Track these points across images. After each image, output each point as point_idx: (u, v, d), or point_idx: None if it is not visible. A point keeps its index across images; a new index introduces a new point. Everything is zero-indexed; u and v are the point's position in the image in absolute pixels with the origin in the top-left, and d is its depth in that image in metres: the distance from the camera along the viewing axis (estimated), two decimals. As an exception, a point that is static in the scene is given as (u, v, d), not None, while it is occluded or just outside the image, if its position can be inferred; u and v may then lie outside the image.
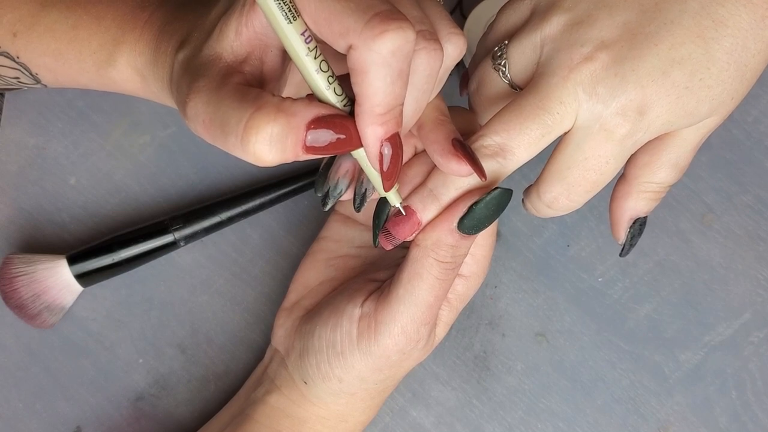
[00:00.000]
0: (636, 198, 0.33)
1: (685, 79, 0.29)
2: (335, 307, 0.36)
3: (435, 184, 0.32)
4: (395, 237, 0.33)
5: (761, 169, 0.46)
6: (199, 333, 0.44)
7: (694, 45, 0.29)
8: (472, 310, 0.45)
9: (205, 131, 0.27)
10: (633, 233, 0.34)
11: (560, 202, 0.32)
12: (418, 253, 0.33)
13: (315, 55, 0.27)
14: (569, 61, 0.30)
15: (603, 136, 0.30)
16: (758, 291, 0.45)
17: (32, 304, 0.42)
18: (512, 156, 0.30)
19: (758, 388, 0.44)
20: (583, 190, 0.31)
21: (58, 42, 0.37)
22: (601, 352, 0.44)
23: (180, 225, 0.43)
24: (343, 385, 0.36)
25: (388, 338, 0.34)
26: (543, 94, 0.30)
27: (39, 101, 0.47)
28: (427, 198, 0.32)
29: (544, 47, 0.31)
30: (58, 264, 0.42)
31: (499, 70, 0.33)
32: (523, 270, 0.45)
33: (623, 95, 0.29)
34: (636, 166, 0.33)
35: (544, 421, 0.44)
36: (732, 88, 0.30)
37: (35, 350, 0.44)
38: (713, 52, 0.29)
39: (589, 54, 0.29)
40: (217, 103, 0.26)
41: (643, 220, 0.34)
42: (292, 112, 0.26)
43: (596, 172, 0.31)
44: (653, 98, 0.29)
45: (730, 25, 0.29)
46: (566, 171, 0.31)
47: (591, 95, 0.29)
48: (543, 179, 0.32)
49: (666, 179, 0.33)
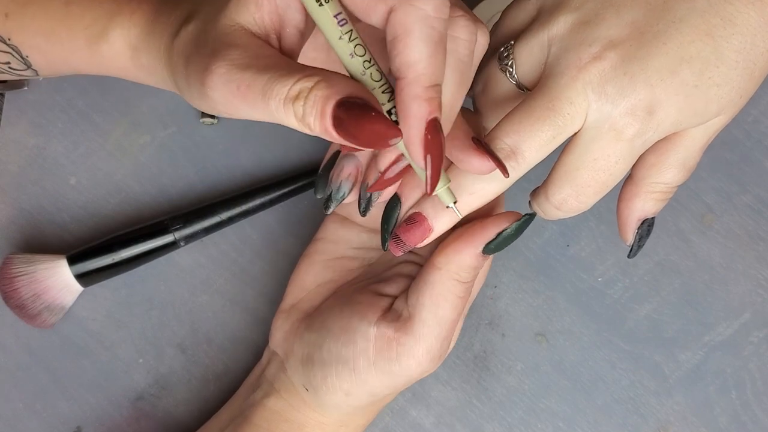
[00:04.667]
0: (644, 199, 0.33)
1: (694, 77, 0.29)
2: (346, 323, 0.36)
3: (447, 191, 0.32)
4: (405, 243, 0.33)
5: (761, 169, 0.46)
6: (199, 333, 0.44)
7: (703, 43, 0.29)
8: (472, 310, 0.45)
9: (242, 97, 0.26)
10: (641, 234, 0.34)
11: (569, 203, 0.31)
12: (439, 277, 0.33)
13: (350, 37, 0.26)
14: (578, 60, 0.29)
15: (612, 136, 0.30)
16: (758, 291, 0.45)
17: (32, 304, 0.42)
18: (523, 159, 0.30)
19: (758, 388, 0.44)
20: (592, 191, 0.31)
21: (51, 20, 0.36)
22: (601, 352, 0.44)
23: (180, 225, 0.43)
24: (350, 398, 0.36)
25: (412, 360, 0.34)
26: (552, 94, 0.30)
27: (39, 101, 0.47)
28: (439, 204, 0.32)
29: (552, 47, 0.31)
30: (58, 264, 0.42)
31: (506, 71, 0.33)
32: (523, 270, 0.45)
33: (632, 95, 0.29)
34: (644, 166, 0.32)
35: (544, 421, 0.44)
36: (740, 87, 0.30)
37: (35, 350, 0.44)
38: (722, 51, 0.29)
39: (597, 53, 0.29)
40: (259, 70, 0.26)
41: (651, 220, 0.33)
42: (335, 83, 0.25)
43: (606, 173, 0.30)
44: (662, 97, 0.29)
45: (738, 23, 0.28)
46: (575, 172, 0.31)
47: (600, 95, 0.29)
48: (551, 181, 0.32)
49: (674, 179, 0.32)
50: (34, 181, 0.46)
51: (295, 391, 0.38)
